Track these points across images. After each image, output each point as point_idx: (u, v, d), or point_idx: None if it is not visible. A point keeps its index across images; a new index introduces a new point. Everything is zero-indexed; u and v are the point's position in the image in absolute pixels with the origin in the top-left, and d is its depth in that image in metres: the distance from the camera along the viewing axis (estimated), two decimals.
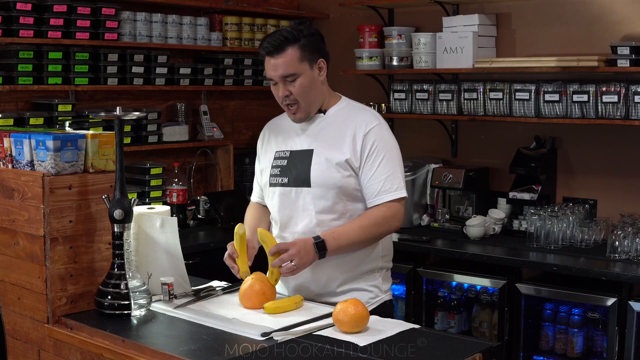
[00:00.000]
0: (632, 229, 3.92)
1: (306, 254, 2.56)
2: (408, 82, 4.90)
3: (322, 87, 2.77)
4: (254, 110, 5.51)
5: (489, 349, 2.22)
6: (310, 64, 2.70)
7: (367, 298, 2.74)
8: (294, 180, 2.74)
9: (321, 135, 2.75)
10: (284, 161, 2.78)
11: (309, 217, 2.72)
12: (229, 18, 5.10)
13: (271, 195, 2.82)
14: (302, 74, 2.68)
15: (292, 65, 2.66)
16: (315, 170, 2.70)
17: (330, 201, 2.70)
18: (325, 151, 2.71)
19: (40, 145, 2.49)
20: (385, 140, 2.73)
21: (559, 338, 4.03)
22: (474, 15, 4.63)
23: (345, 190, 2.70)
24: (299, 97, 2.69)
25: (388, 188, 2.69)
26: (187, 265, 2.64)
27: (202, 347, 2.20)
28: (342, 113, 2.78)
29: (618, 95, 4.07)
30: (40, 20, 4.09)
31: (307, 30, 2.71)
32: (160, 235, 2.60)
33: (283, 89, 2.69)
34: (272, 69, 2.69)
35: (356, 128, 2.72)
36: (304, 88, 2.69)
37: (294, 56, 2.66)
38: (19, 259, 2.57)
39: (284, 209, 2.78)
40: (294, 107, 2.72)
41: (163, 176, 4.60)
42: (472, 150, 4.95)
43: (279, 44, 2.66)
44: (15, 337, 2.65)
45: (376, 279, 2.79)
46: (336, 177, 2.69)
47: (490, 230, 4.40)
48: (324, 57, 2.75)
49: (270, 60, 2.68)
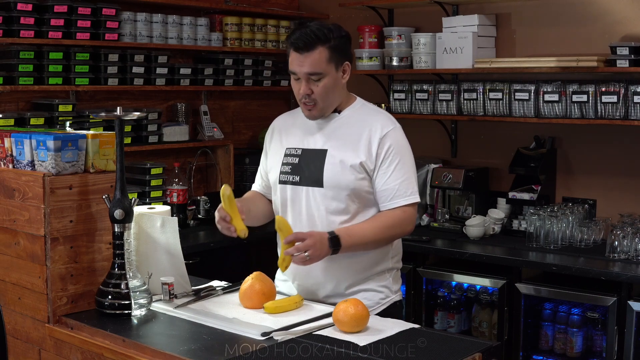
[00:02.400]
0: (631, 229, 3.93)
1: (321, 247, 2.54)
2: (408, 83, 4.90)
3: (342, 89, 2.75)
4: (254, 111, 5.51)
5: (488, 349, 2.22)
6: (336, 65, 2.67)
7: (377, 299, 2.75)
8: (306, 179, 2.72)
9: (335, 135, 2.73)
10: (296, 159, 2.76)
11: (319, 218, 2.70)
12: (229, 18, 5.10)
13: (281, 192, 2.79)
14: (327, 75, 2.65)
15: (319, 64, 2.63)
16: (329, 170, 2.68)
17: (342, 203, 2.68)
18: (339, 152, 2.69)
19: (41, 145, 2.49)
20: (400, 144, 2.72)
21: (559, 338, 4.04)
22: (474, 16, 4.63)
23: (358, 193, 2.69)
24: (320, 97, 2.67)
25: (403, 192, 2.68)
26: (187, 265, 2.65)
27: (202, 346, 2.20)
28: (357, 114, 2.76)
29: (617, 96, 4.07)
30: (40, 20, 4.10)
31: (337, 32, 2.68)
32: (161, 235, 2.60)
33: (305, 86, 2.66)
34: (298, 64, 2.65)
35: (372, 131, 2.70)
36: (326, 89, 2.67)
37: (323, 56, 2.63)
38: (19, 258, 2.57)
39: (293, 208, 2.76)
40: (311, 105, 2.69)
41: (163, 176, 4.61)
42: (471, 150, 4.95)
43: (310, 42, 2.62)
44: (15, 336, 2.66)
45: (386, 280, 2.79)
46: (349, 179, 2.67)
47: (490, 230, 4.41)
48: (349, 60, 2.73)
49: (298, 56, 2.64)
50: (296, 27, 2.72)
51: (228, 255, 4.46)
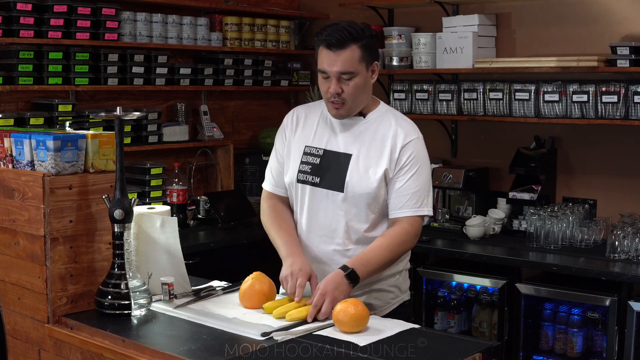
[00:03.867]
0: (631, 229, 3.93)
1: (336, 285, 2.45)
2: (408, 82, 4.90)
3: (370, 90, 2.72)
4: (254, 110, 5.51)
5: (488, 349, 2.22)
6: (367, 65, 2.62)
7: (387, 298, 2.74)
8: (326, 182, 2.67)
9: (360, 140, 2.68)
10: (317, 159, 2.71)
11: (338, 223, 2.67)
12: (229, 18, 5.10)
13: (300, 191, 2.73)
14: (358, 74, 2.60)
15: (352, 63, 2.58)
16: (352, 177, 2.64)
17: (361, 210, 2.65)
18: (364, 159, 2.65)
19: (41, 145, 2.49)
20: (420, 155, 2.69)
21: (559, 338, 4.03)
22: (474, 16, 4.63)
23: (378, 201, 2.66)
24: (350, 96, 2.61)
25: (414, 203, 2.64)
26: (187, 265, 2.64)
27: (202, 347, 2.20)
28: (382, 119, 2.72)
29: (618, 96, 4.07)
30: (40, 20, 4.09)
31: (368, 31, 2.63)
32: (161, 235, 2.60)
33: (336, 85, 2.59)
34: (329, 63, 2.58)
35: (396, 138, 2.66)
36: (357, 88, 2.61)
37: (355, 55, 2.58)
38: (19, 258, 2.57)
39: (312, 209, 2.71)
40: (340, 104, 2.63)
41: (163, 176, 4.61)
42: (472, 150, 4.95)
43: (343, 39, 2.56)
44: (15, 337, 2.65)
45: (396, 280, 2.78)
46: (372, 187, 2.63)
47: (490, 230, 4.41)
48: (378, 60, 2.70)
49: (329, 54, 2.57)
50: (326, 25, 2.64)
51: (228, 255, 4.46)
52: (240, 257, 4.55)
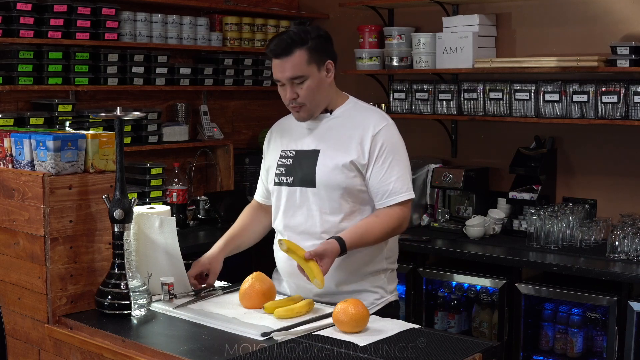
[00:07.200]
0: (631, 229, 3.92)
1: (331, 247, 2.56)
2: (408, 82, 4.90)
3: (329, 88, 2.75)
4: (254, 110, 5.51)
5: (488, 349, 2.22)
6: (318, 65, 2.68)
7: (372, 299, 2.75)
8: (299, 180, 2.73)
9: (328, 136, 2.74)
10: (290, 160, 2.78)
11: (313, 218, 2.72)
12: (229, 18, 5.10)
13: (276, 194, 2.82)
14: (309, 77, 2.66)
15: (299, 67, 2.65)
16: (321, 170, 2.70)
17: (335, 202, 2.69)
18: (331, 152, 2.71)
19: (41, 145, 2.49)
20: (393, 141, 2.73)
21: (559, 338, 4.03)
22: (474, 16, 4.63)
23: (351, 191, 2.69)
24: (306, 99, 2.68)
25: (399, 189, 2.68)
26: (187, 265, 2.65)
27: (202, 347, 2.20)
28: (349, 113, 2.77)
29: (618, 96, 4.07)
30: (40, 20, 4.09)
31: (314, 32, 2.69)
32: (159, 236, 2.60)
33: (290, 91, 2.68)
34: (279, 71, 2.67)
35: (364, 129, 2.71)
36: (311, 90, 2.68)
37: (302, 58, 2.64)
38: (19, 259, 2.57)
39: (288, 209, 2.77)
40: (299, 107, 2.71)
41: (163, 176, 4.61)
42: (472, 150, 4.95)
43: (287, 46, 2.64)
44: (15, 337, 2.65)
45: (381, 280, 2.79)
46: (341, 178, 2.68)
47: (490, 230, 4.40)
48: (332, 58, 2.73)
49: (278, 63, 2.67)
50: (273, 37, 2.76)
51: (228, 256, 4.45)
52: (240, 257, 4.53)
